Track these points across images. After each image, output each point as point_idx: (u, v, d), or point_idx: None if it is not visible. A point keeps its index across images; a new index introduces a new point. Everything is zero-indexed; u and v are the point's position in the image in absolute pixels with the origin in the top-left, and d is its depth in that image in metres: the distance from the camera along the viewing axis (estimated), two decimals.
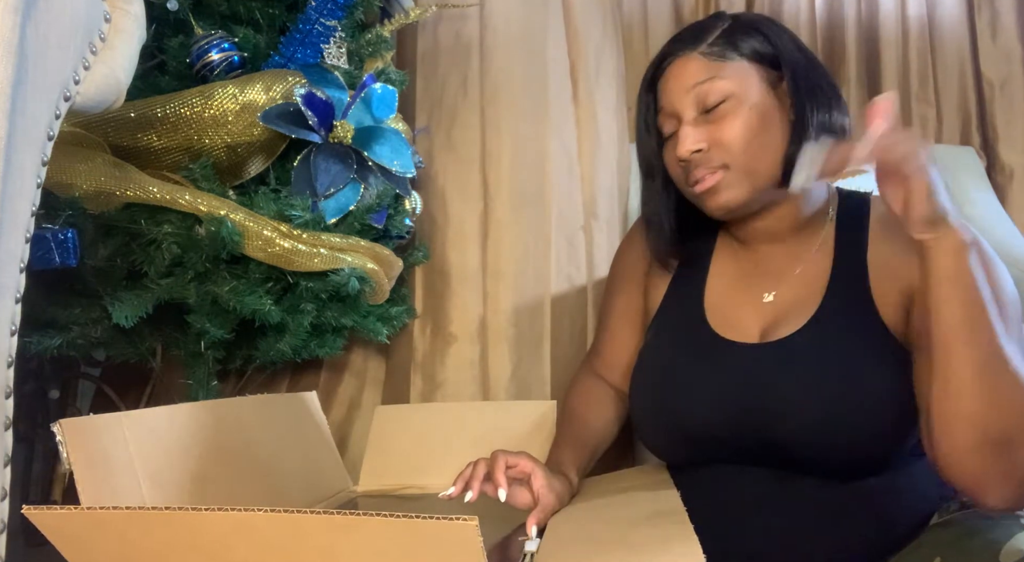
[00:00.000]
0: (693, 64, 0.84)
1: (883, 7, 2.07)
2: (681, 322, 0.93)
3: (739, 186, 0.84)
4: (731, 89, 0.83)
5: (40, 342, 1.00)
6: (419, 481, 1.06)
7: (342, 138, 1.11)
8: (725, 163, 0.83)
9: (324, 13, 1.10)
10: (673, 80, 0.86)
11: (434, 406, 1.26)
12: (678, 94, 0.85)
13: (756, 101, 0.83)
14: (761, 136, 0.83)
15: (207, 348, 1.08)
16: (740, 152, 0.82)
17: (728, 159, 0.83)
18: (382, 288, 1.17)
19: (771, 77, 0.85)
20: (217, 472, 0.82)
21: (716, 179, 0.83)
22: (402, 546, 0.52)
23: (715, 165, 0.83)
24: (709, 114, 0.83)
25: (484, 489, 0.80)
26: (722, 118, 0.83)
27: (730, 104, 0.82)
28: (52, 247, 0.81)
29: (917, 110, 2.06)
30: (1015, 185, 2.00)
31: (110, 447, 0.68)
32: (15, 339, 0.53)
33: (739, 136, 0.82)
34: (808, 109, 0.82)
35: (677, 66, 0.86)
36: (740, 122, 0.82)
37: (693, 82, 0.84)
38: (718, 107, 0.83)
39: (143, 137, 1.01)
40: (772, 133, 0.83)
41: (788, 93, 0.84)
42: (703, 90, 0.83)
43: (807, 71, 0.85)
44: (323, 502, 1.01)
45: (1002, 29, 2.04)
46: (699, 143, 0.83)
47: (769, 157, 0.83)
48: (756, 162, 0.83)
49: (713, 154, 0.83)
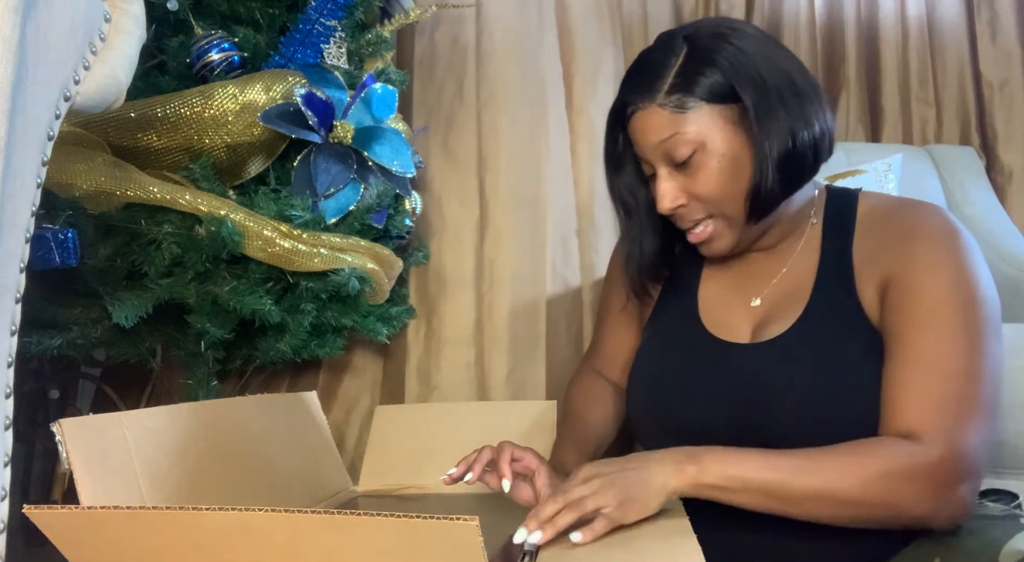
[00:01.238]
0: (654, 118, 0.82)
1: (883, 8, 2.08)
2: (676, 323, 0.93)
3: (728, 232, 0.85)
4: (697, 141, 0.80)
5: (40, 342, 1.00)
6: (419, 481, 1.06)
7: (342, 138, 1.11)
8: (709, 212, 0.84)
9: (324, 13, 1.10)
10: (639, 134, 0.84)
11: (434, 406, 1.26)
12: (647, 149, 0.84)
13: (723, 149, 0.80)
14: (736, 182, 0.81)
15: (207, 348, 1.08)
16: (719, 202, 0.83)
17: (710, 209, 0.84)
18: (382, 288, 1.17)
19: (734, 114, 0.80)
20: (217, 472, 0.82)
21: (707, 232, 0.85)
22: (402, 546, 0.52)
23: (699, 217, 0.84)
24: (682, 167, 0.82)
25: (487, 480, 0.80)
26: (695, 172, 0.82)
27: (699, 156, 0.81)
28: (52, 247, 0.81)
29: (917, 111, 2.07)
30: (1014, 185, 2.00)
31: (110, 447, 0.68)
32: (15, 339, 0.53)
33: (714, 189, 0.82)
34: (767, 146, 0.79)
35: (639, 120, 0.83)
36: (713, 175, 0.81)
37: (658, 139, 0.82)
38: (688, 160, 0.81)
39: (143, 137, 1.01)
40: (744, 172, 0.81)
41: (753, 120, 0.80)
42: (669, 146, 0.81)
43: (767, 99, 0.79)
44: (323, 502, 1.01)
45: (1001, 30, 2.04)
46: (677, 200, 0.83)
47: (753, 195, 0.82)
48: (737, 206, 0.83)
49: (693, 207, 0.84)
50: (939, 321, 0.75)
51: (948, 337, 0.74)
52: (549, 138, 1.39)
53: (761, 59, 0.80)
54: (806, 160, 0.81)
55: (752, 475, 0.70)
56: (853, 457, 0.70)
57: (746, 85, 0.79)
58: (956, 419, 0.71)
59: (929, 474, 0.69)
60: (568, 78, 1.46)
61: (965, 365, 0.73)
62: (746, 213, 0.83)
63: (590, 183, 1.44)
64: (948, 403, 0.71)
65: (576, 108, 1.46)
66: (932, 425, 0.71)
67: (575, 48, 1.48)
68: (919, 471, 0.69)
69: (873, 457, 0.70)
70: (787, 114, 0.79)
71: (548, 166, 1.37)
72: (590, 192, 1.43)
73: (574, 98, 1.46)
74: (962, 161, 1.95)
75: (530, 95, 1.38)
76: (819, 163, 0.83)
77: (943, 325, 0.75)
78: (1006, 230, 1.80)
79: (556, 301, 1.34)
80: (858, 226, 0.86)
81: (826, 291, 0.84)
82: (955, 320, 0.74)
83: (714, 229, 0.85)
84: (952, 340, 0.74)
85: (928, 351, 0.74)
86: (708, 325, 0.90)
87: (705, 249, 0.87)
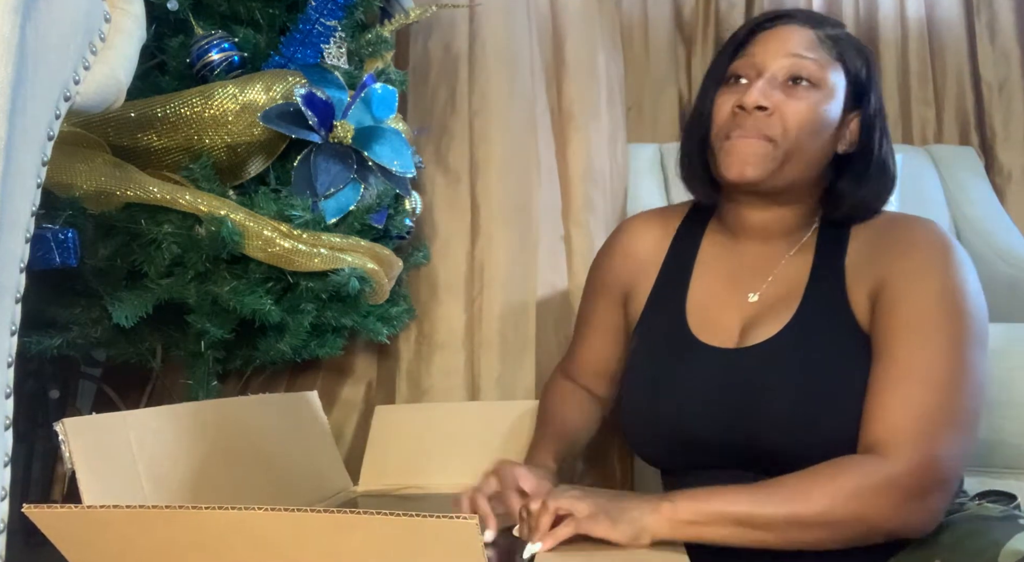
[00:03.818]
0: (806, 37, 0.83)
1: (882, 8, 2.08)
2: (663, 328, 0.92)
3: (769, 165, 0.82)
4: (825, 80, 0.82)
5: (40, 342, 1.00)
6: (419, 481, 1.06)
7: (342, 138, 1.11)
8: (775, 136, 0.82)
9: (324, 13, 1.10)
10: (777, 39, 0.84)
11: (434, 406, 1.26)
12: (775, 52, 0.83)
13: (833, 109, 0.83)
14: (816, 137, 0.83)
15: (207, 348, 1.08)
16: (794, 136, 0.81)
17: (780, 134, 0.82)
18: (382, 288, 1.17)
19: (849, 103, 0.85)
20: (218, 471, 0.82)
21: (759, 147, 0.82)
22: (403, 545, 0.52)
23: (765, 131, 0.82)
24: (791, 86, 0.82)
25: None
26: (800, 97, 0.82)
27: (815, 92, 0.82)
28: (52, 247, 0.81)
29: (916, 111, 2.07)
30: (1013, 185, 2.00)
31: (112, 447, 0.68)
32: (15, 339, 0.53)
33: (804, 120, 0.81)
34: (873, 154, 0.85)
35: (788, 30, 0.84)
36: (813, 111, 0.81)
37: (797, 50, 0.82)
38: (803, 84, 0.82)
39: (143, 137, 1.01)
40: (823, 143, 0.84)
41: (857, 128, 0.86)
42: (802, 63, 0.82)
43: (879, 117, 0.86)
44: (323, 501, 1.01)
45: (1000, 31, 2.04)
46: (768, 101, 0.81)
47: (808, 159, 0.84)
48: (798, 154, 0.82)
49: (773, 120, 0.82)
50: (924, 331, 0.75)
51: (932, 347, 0.74)
52: (539, 144, 1.40)
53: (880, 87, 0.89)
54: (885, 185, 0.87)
55: (723, 508, 0.70)
56: (820, 478, 0.71)
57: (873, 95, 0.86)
58: (930, 429, 0.71)
59: (897, 486, 0.69)
60: (559, 84, 1.48)
61: (946, 375, 0.73)
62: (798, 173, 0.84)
63: (578, 189, 1.45)
64: (924, 413, 0.72)
65: (566, 114, 1.47)
66: (904, 435, 0.71)
67: (566, 54, 1.49)
68: (887, 484, 0.69)
69: (841, 476, 0.70)
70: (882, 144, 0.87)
71: (538, 172, 1.39)
72: (579, 198, 1.44)
73: (563, 104, 1.47)
74: (962, 161, 1.95)
75: (521, 102, 1.39)
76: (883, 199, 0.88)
77: (928, 335, 0.75)
78: (1006, 230, 1.80)
79: (545, 305, 1.35)
80: (853, 234, 0.87)
81: (818, 295, 0.83)
82: (940, 330, 0.75)
83: (764, 151, 0.82)
84: (936, 350, 0.74)
85: (910, 360, 0.74)
86: (695, 328, 0.88)
87: (738, 166, 0.83)
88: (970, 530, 0.73)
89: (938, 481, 0.70)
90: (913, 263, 0.79)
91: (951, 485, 0.72)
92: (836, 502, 0.69)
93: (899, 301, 0.77)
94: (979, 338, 0.76)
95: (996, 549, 0.66)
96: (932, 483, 0.70)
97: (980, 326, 0.76)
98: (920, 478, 0.69)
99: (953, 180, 1.91)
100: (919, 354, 0.74)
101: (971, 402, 0.73)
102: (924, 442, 0.70)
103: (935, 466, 0.70)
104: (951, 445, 0.71)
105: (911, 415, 0.72)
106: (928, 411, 0.72)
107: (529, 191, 1.37)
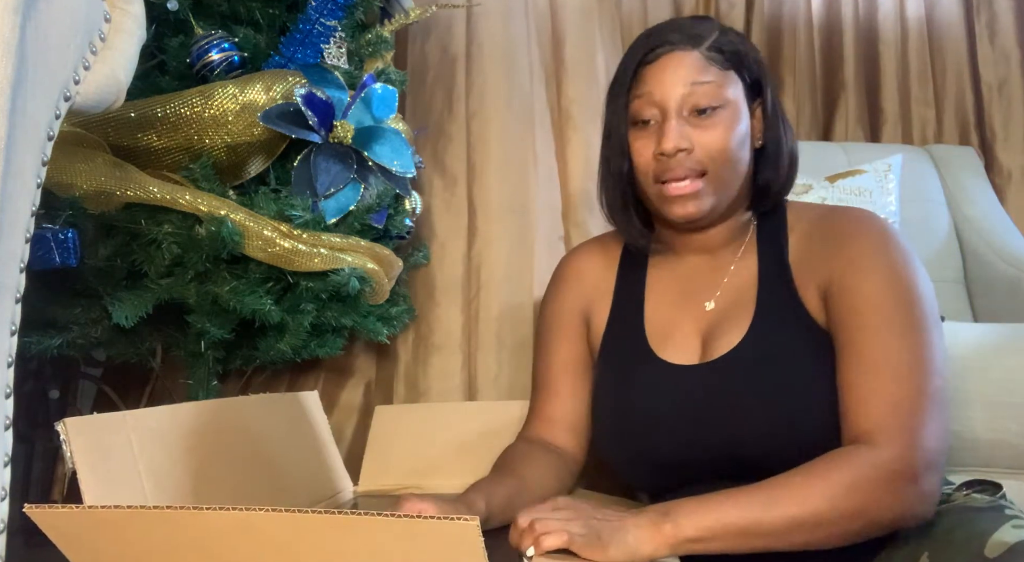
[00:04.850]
0: (695, 62, 0.83)
1: (882, 9, 2.08)
2: (625, 350, 0.91)
3: (709, 197, 0.84)
4: (726, 98, 0.83)
5: (40, 342, 1.00)
6: (419, 481, 1.06)
7: (342, 138, 1.11)
8: (704, 170, 0.83)
9: (324, 13, 1.10)
10: (670, 71, 0.83)
11: (434, 406, 1.26)
12: (671, 86, 0.83)
13: (742, 120, 0.85)
14: (739, 153, 0.85)
15: (207, 348, 1.08)
16: (721, 163, 0.83)
17: (708, 166, 0.83)
18: (382, 288, 1.17)
19: (749, 100, 0.87)
20: (219, 471, 0.82)
21: (695, 187, 0.83)
22: (402, 546, 0.52)
23: (694, 168, 0.83)
24: (700, 117, 0.83)
25: None
26: (713, 125, 0.83)
27: (725, 113, 0.83)
28: (52, 247, 0.81)
29: (916, 111, 2.07)
30: (1013, 186, 2.00)
31: (113, 446, 0.68)
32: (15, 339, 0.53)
33: (724, 146, 0.83)
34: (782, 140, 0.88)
35: (676, 58, 0.84)
36: (728, 134, 0.83)
37: (692, 79, 0.82)
38: (712, 112, 0.82)
39: (143, 137, 1.01)
40: (745, 154, 0.86)
41: (761, 120, 0.88)
42: (703, 91, 0.82)
43: (776, 108, 0.89)
44: (323, 502, 1.01)
45: (1000, 31, 2.04)
46: (686, 142, 0.82)
47: (739, 176, 0.86)
48: (730, 177, 0.85)
49: (696, 156, 0.83)
50: (880, 320, 0.76)
51: (892, 335, 0.76)
52: (537, 145, 1.40)
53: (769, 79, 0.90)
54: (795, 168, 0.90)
55: (726, 519, 0.69)
56: (817, 477, 0.71)
57: (768, 84, 0.88)
58: (910, 415, 0.72)
59: (893, 475, 0.70)
60: (558, 84, 1.48)
61: (911, 360, 0.75)
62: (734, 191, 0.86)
63: (577, 189, 1.45)
64: (900, 400, 0.73)
65: (565, 114, 1.47)
66: (887, 425, 0.72)
67: (564, 55, 1.49)
68: (883, 474, 0.70)
69: (835, 471, 0.71)
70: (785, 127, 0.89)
71: (536, 173, 1.39)
72: (577, 198, 1.45)
73: (563, 104, 1.47)
74: (962, 161, 1.96)
75: (519, 103, 1.39)
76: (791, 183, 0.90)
77: (885, 324, 0.76)
78: (1006, 230, 1.80)
79: None
80: (790, 231, 0.88)
81: (770, 297, 0.84)
82: (896, 318, 0.76)
83: (700, 188, 0.84)
84: (896, 338, 0.76)
85: (874, 351, 0.76)
86: (656, 347, 0.88)
87: (680, 206, 0.84)
88: (957, 521, 0.73)
89: (928, 461, 0.71)
90: (857, 254, 0.80)
91: (940, 464, 0.73)
92: (836, 499, 0.69)
93: (850, 294, 0.79)
94: (933, 318, 0.78)
95: (982, 541, 0.67)
96: (923, 464, 0.71)
97: (930, 306, 0.78)
98: (911, 461, 0.70)
99: (953, 180, 1.91)
100: (882, 344, 0.75)
101: (939, 380, 0.75)
102: (907, 427, 0.72)
103: (923, 446, 0.71)
104: (932, 424, 0.72)
105: (889, 404, 0.73)
106: (904, 397, 0.73)
107: (527, 192, 1.37)
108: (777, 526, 0.69)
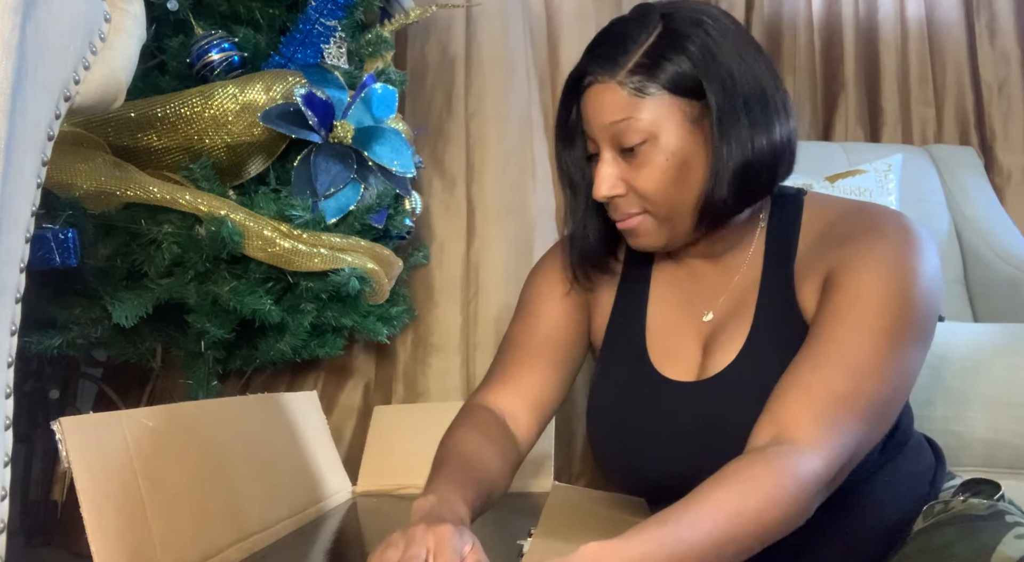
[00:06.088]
0: (610, 96, 0.76)
1: (882, 8, 2.08)
2: (625, 360, 0.86)
3: (658, 231, 0.79)
4: (650, 131, 0.75)
5: (40, 342, 1.00)
6: (418, 481, 1.05)
7: (342, 138, 1.11)
8: (644, 208, 0.78)
9: (324, 13, 1.10)
10: (591, 109, 0.78)
11: (433, 406, 1.26)
12: (596, 127, 0.78)
13: (675, 147, 0.75)
14: (680, 183, 0.76)
15: (207, 348, 1.08)
16: (658, 202, 0.77)
17: (647, 206, 0.78)
18: (382, 288, 1.17)
19: (695, 111, 0.75)
20: (216, 471, 0.82)
21: (636, 222, 0.79)
22: None
23: (634, 211, 0.78)
24: (628, 154, 0.77)
25: None
26: (641, 163, 0.76)
27: (648, 148, 0.75)
28: (52, 247, 0.81)
29: (916, 111, 2.07)
30: (1013, 186, 2.00)
31: (109, 446, 0.68)
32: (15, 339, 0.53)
33: (657, 186, 0.76)
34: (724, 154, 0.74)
35: (595, 94, 0.78)
36: (657, 172, 0.76)
37: (609, 120, 0.76)
38: (636, 148, 0.76)
39: (143, 137, 1.01)
40: (694, 175, 0.76)
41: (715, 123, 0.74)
42: (620, 129, 0.76)
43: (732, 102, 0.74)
44: (322, 501, 1.01)
45: (1000, 31, 2.04)
46: (616, 188, 0.77)
47: (690, 200, 0.77)
48: (676, 207, 0.77)
49: (631, 199, 0.78)
50: (857, 314, 0.70)
51: (863, 331, 0.69)
52: (534, 146, 1.40)
53: (735, 58, 0.74)
54: (762, 175, 0.76)
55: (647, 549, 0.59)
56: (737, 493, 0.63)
57: (713, 81, 0.73)
58: (838, 419, 0.66)
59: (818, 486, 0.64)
60: (554, 86, 1.48)
61: (870, 362, 0.68)
62: (693, 222, 0.78)
63: None
64: (837, 400, 0.67)
65: None
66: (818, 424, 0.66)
67: (560, 56, 1.49)
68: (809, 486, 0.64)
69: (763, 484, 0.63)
70: (750, 124, 0.74)
71: (534, 174, 1.39)
72: None
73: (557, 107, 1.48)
74: (962, 161, 1.95)
75: (517, 104, 1.40)
76: (776, 181, 0.79)
77: (861, 318, 0.70)
78: (1006, 230, 1.80)
79: None
80: (803, 231, 0.82)
81: (768, 306, 0.79)
82: (875, 320, 0.70)
83: (643, 223, 0.79)
84: (866, 335, 0.69)
85: (836, 342, 0.70)
86: (657, 360, 0.84)
87: (634, 241, 0.81)
88: (957, 535, 0.71)
89: (844, 470, 0.67)
90: (860, 250, 0.74)
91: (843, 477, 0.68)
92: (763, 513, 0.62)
93: (842, 285, 0.73)
94: (919, 328, 0.71)
95: (986, 556, 0.65)
96: (840, 472, 0.66)
97: (923, 317, 0.71)
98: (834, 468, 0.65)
99: (953, 180, 1.91)
100: (847, 337, 0.69)
101: (889, 393, 0.69)
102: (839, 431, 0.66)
103: (847, 455, 0.66)
104: (852, 434, 0.66)
105: (820, 398, 0.67)
106: (838, 396, 0.67)
107: (525, 193, 1.38)
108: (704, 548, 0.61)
